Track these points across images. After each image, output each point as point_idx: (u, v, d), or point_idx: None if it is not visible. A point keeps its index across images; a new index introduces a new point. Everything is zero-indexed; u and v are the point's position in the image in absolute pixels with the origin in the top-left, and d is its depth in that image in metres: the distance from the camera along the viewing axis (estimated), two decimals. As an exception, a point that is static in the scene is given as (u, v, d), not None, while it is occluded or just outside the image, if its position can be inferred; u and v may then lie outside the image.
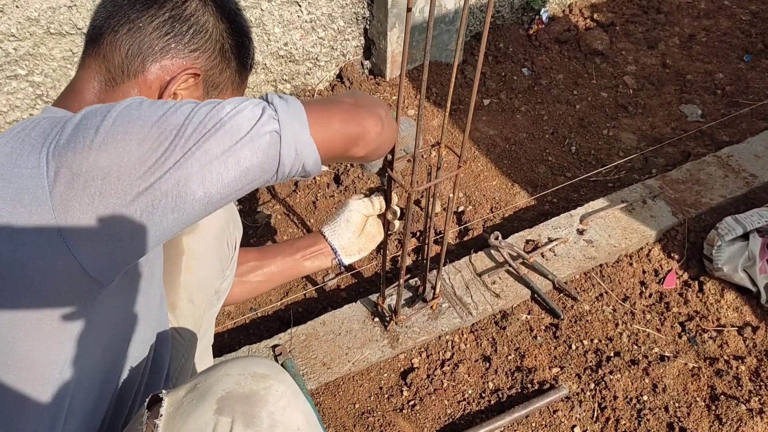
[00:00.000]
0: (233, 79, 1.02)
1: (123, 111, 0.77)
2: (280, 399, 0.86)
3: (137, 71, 0.93)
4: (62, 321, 0.81)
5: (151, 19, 0.92)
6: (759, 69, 2.73)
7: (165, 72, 0.94)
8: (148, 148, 0.74)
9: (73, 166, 0.74)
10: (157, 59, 0.93)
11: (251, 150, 0.78)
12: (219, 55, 0.98)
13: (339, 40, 2.46)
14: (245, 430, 0.83)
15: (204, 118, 0.77)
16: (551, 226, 1.92)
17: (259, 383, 0.87)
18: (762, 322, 1.70)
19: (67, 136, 0.75)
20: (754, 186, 2.06)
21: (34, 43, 1.88)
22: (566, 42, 2.86)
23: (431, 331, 1.64)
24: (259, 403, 0.85)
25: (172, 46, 0.93)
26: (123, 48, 0.92)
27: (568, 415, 1.50)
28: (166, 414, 0.86)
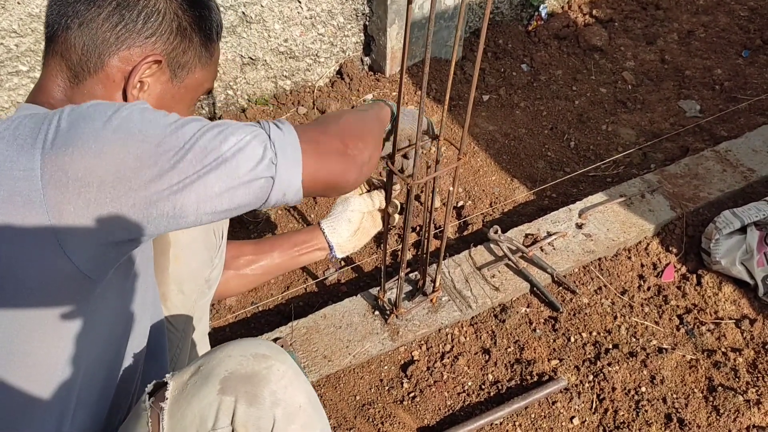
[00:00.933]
0: (200, 55, 0.98)
1: (124, 121, 0.77)
2: (281, 378, 0.88)
3: (97, 67, 0.90)
4: (61, 319, 0.83)
5: (99, 11, 0.89)
6: (757, 64, 2.74)
7: (125, 63, 0.91)
8: (146, 164, 0.77)
9: (69, 171, 0.75)
10: (114, 52, 0.90)
11: (245, 191, 0.83)
12: (177, 34, 0.94)
13: (339, 37, 2.47)
14: (248, 408, 0.85)
15: (206, 147, 0.79)
16: (550, 221, 1.93)
17: (260, 363, 0.88)
18: (759, 314, 1.71)
19: (62, 138, 0.76)
20: (751, 180, 2.07)
21: (35, 39, 1.89)
22: (565, 38, 2.87)
23: (431, 324, 1.65)
24: (261, 383, 0.87)
25: (126, 36, 0.90)
26: (78, 45, 0.89)
27: (566, 406, 1.52)
28: (171, 397, 0.88)
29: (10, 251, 0.76)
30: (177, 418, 0.88)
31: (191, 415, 0.87)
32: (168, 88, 0.95)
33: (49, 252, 0.77)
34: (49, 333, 0.83)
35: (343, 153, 0.97)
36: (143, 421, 0.90)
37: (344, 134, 0.99)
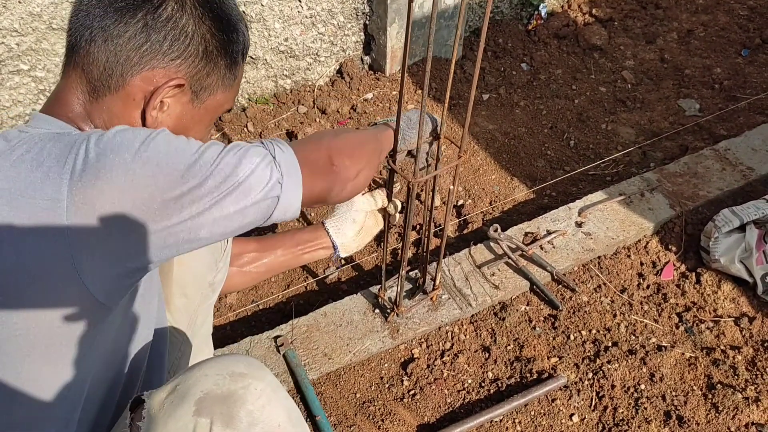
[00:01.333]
0: (223, 77, 0.97)
1: (152, 153, 0.79)
2: (259, 397, 0.86)
3: (118, 85, 0.89)
4: (74, 344, 0.84)
5: (125, 28, 0.87)
6: (756, 63, 2.75)
7: (147, 83, 0.89)
8: (171, 196, 0.79)
9: (96, 203, 0.76)
10: (137, 72, 0.89)
11: (255, 210, 0.86)
12: (203, 58, 0.92)
13: (339, 36, 2.48)
14: (225, 430, 0.83)
15: (223, 172, 0.82)
16: (550, 219, 1.94)
17: (237, 383, 0.86)
18: (758, 312, 1.72)
19: (91, 170, 0.76)
20: (751, 179, 2.08)
21: (36, 38, 1.90)
22: (565, 37, 2.88)
23: (431, 322, 1.66)
24: (237, 403, 0.85)
25: (150, 57, 0.88)
26: (100, 60, 0.88)
27: (566, 403, 1.52)
28: (148, 416, 0.87)
29: (28, 279, 0.77)
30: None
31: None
32: (188, 110, 0.94)
33: (68, 281, 0.78)
34: (61, 356, 0.84)
35: (328, 171, 0.99)
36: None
37: (332, 151, 1.01)
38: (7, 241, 0.76)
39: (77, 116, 0.89)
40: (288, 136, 2.31)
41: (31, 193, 0.76)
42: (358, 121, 2.37)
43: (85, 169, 0.76)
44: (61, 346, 0.83)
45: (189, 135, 0.94)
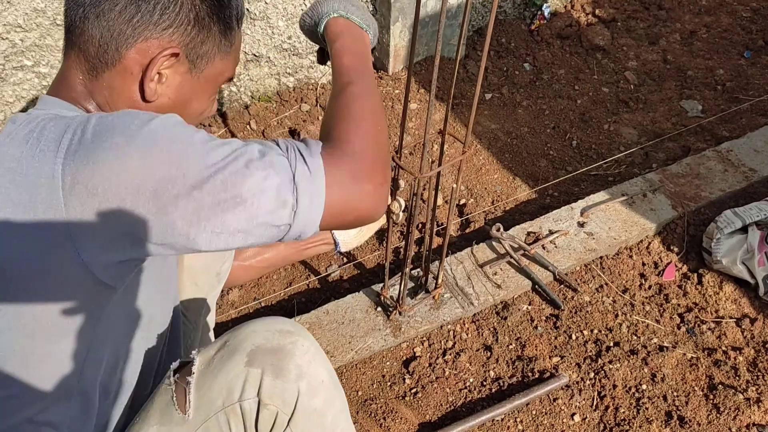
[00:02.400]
0: (219, 44, 0.94)
1: (148, 138, 0.75)
2: (306, 353, 0.91)
3: (114, 60, 0.88)
4: (82, 323, 0.84)
5: (114, 2, 0.86)
6: (759, 65, 2.75)
7: (142, 55, 0.88)
8: (164, 187, 0.74)
9: (89, 185, 0.74)
10: (131, 44, 0.87)
11: (261, 232, 0.79)
12: (195, 25, 0.90)
13: (342, 34, 2.47)
14: (275, 380, 0.88)
15: (227, 180, 0.75)
16: (552, 219, 1.94)
17: (285, 338, 0.91)
18: (760, 313, 1.72)
19: (85, 149, 0.75)
20: (753, 180, 2.08)
21: (40, 34, 1.90)
22: (568, 37, 2.88)
23: (433, 320, 1.66)
24: (287, 356, 0.90)
25: (142, 28, 0.87)
26: (95, 37, 0.87)
27: (567, 403, 1.52)
28: (198, 371, 0.91)
29: (30, 258, 0.77)
30: (204, 390, 0.90)
31: (218, 387, 0.90)
32: (187, 80, 0.93)
33: (69, 260, 0.77)
34: (70, 335, 0.84)
35: (371, 193, 0.84)
36: (167, 396, 0.92)
37: (374, 167, 0.85)
38: (9, 223, 0.76)
39: (79, 95, 0.90)
40: (291, 134, 2.31)
41: (32, 171, 0.76)
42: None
43: (79, 148, 0.75)
44: (71, 326, 0.83)
45: (191, 106, 0.95)
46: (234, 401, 0.89)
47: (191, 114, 0.97)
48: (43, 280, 0.78)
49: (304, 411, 0.91)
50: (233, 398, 0.89)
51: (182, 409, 0.91)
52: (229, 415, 0.90)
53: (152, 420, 0.94)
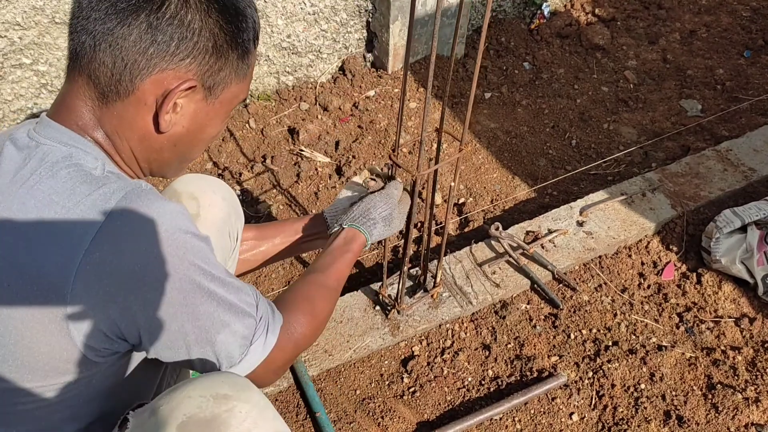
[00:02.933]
0: (236, 69, 0.92)
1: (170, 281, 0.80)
2: (244, 421, 0.83)
3: (128, 91, 0.85)
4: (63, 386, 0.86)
5: (129, 31, 0.82)
6: (759, 65, 2.75)
7: (157, 87, 0.85)
8: (167, 319, 0.83)
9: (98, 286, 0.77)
10: (145, 76, 0.84)
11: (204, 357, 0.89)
12: (213, 54, 0.87)
13: (342, 33, 2.47)
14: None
15: (210, 330, 0.86)
16: (551, 218, 1.94)
17: (221, 406, 0.83)
18: (759, 313, 1.72)
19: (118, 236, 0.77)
20: (752, 180, 2.08)
21: (39, 32, 1.90)
22: (567, 37, 2.88)
23: (432, 319, 1.66)
24: (221, 427, 0.81)
25: (158, 60, 0.84)
26: (107, 66, 0.84)
27: (566, 402, 1.52)
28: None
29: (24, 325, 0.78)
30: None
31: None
32: (202, 107, 0.91)
33: (63, 341, 0.79)
34: (53, 397, 0.86)
35: (281, 371, 1.01)
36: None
37: (299, 352, 1.04)
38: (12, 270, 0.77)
39: (87, 125, 0.87)
40: (289, 132, 2.31)
41: (45, 236, 0.76)
42: (360, 119, 2.37)
43: (118, 228, 0.78)
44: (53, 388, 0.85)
45: (206, 132, 0.94)
46: None
47: (204, 139, 0.96)
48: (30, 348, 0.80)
49: None
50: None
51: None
52: None
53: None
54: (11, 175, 0.80)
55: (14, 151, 0.82)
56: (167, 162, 0.95)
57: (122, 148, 0.89)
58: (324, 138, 2.29)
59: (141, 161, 0.93)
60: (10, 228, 0.77)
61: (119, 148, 0.89)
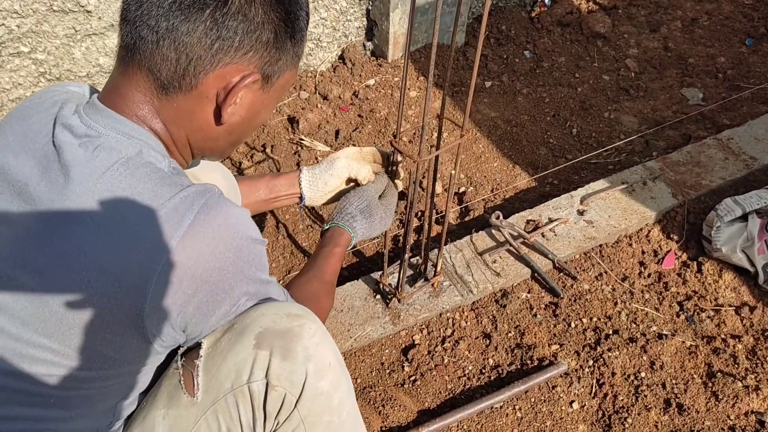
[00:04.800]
0: (292, 57, 0.94)
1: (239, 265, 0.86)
2: (313, 336, 0.92)
3: (191, 85, 0.86)
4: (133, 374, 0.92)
5: (194, 27, 0.83)
6: (760, 53, 2.74)
7: (220, 81, 0.87)
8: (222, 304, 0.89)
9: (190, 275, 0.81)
10: (210, 71, 0.86)
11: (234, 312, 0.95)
12: (273, 45, 0.89)
13: (341, 21, 2.46)
14: (282, 362, 0.89)
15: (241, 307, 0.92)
16: (552, 207, 1.93)
17: (293, 321, 0.92)
18: (759, 302, 1.72)
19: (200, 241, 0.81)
20: (753, 168, 2.07)
21: (37, 20, 1.88)
22: (568, 25, 2.86)
23: (432, 308, 1.66)
24: (294, 338, 0.90)
25: (222, 54, 0.85)
26: (170, 61, 0.84)
27: (566, 390, 1.52)
28: (205, 354, 0.91)
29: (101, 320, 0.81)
30: (212, 373, 0.91)
31: (226, 369, 0.90)
32: (258, 96, 0.93)
33: (133, 330, 0.82)
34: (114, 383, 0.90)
35: None
36: (174, 380, 0.93)
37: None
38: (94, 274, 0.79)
39: (145, 115, 0.88)
40: (289, 121, 2.30)
41: (127, 231, 0.78)
42: (360, 108, 2.36)
43: (201, 233, 0.81)
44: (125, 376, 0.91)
45: (259, 118, 0.96)
46: (243, 383, 0.89)
47: (257, 125, 0.98)
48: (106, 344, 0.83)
49: (311, 393, 0.91)
50: (242, 380, 0.89)
51: (190, 392, 0.91)
52: (237, 396, 0.90)
53: (160, 403, 0.94)
54: (81, 167, 0.80)
55: (73, 139, 0.83)
56: (221, 148, 0.98)
57: (178, 137, 0.91)
58: (324, 127, 2.29)
59: (195, 149, 0.95)
60: (89, 223, 0.78)
61: (175, 138, 0.91)
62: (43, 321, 0.79)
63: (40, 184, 0.80)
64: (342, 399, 0.96)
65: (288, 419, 0.91)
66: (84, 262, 0.77)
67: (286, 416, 0.91)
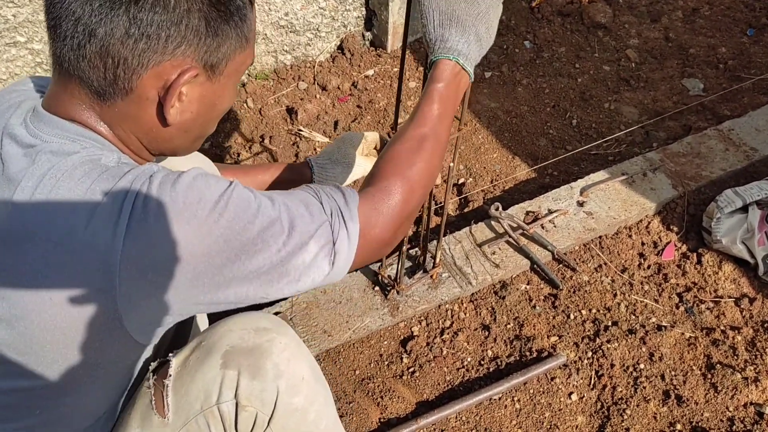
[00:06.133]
0: (236, 40, 0.84)
1: (225, 220, 0.76)
2: (283, 351, 0.89)
3: (125, 91, 0.79)
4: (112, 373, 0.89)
5: (111, 29, 0.75)
6: (762, 43, 2.72)
7: (157, 80, 0.79)
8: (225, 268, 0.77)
9: (146, 259, 0.74)
10: (142, 73, 0.78)
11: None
12: (207, 34, 0.80)
13: (340, 11, 2.44)
14: (252, 381, 0.87)
15: (283, 264, 0.79)
16: (551, 198, 1.93)
17: (262, 336, 0.89)
18: (759, 293, 1.71)
19: (152, 221, 0.74)
20: (754, 159, 2.06)
21: (33, 9, 1.87)
22: (569, 15, 2.84)
23: (431, 300, 1.66)
24: (263, 355, 0.87)
25: (150, 53, 0.77)
26: (97, 69, 0.78)
27: (565, 382, 1.52)
28: (174, 373, 0.90)
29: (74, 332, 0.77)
30: (181, 393, 0.89)
31: (195, 390, 0.88)
32: (207, 88, 0.85)
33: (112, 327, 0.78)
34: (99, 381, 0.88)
35: (384, 248, 0.92)
36: (146, 399, 0.91)
37: (400, 234, 0.93)
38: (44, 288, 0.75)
39: (89, 120, 0.82)
40: (288, 112, 2.29)
41: (76, 240, 0.73)
42: (359, 98, 2.35)
43: (146, 219, 0.73)
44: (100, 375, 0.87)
45: (216, 110, 0.89)
46: (212, 404, 0.88)
47: (216, 116, 0.91)
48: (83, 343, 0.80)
49: (284, 410, 0.89)
50: (211, 401, 0.88)
51: (161, 412, 0.89)
52: (208, 417, 0.88)
53: (133, 423, 0.92)
54: (25, 179, 0.76)
55: (18, 149, 0.78)
56: (180, 146, 0.91)
57: (129, 141, 0.85)
58: (323, 118, 2.28)
59: (152, 150, 0.89)
60: (36, 239, 0.74)
61: (126, 141, 0.85)
62: (14, 340, 0.77)
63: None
64: (319, 411, 0.94)
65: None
66: (42, 280, 0.74)
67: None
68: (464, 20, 1.01)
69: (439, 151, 0.97)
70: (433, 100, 0.97)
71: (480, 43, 1.03)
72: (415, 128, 0.96)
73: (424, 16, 1.02)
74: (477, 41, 1.02)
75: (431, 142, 0.96)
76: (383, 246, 0.91)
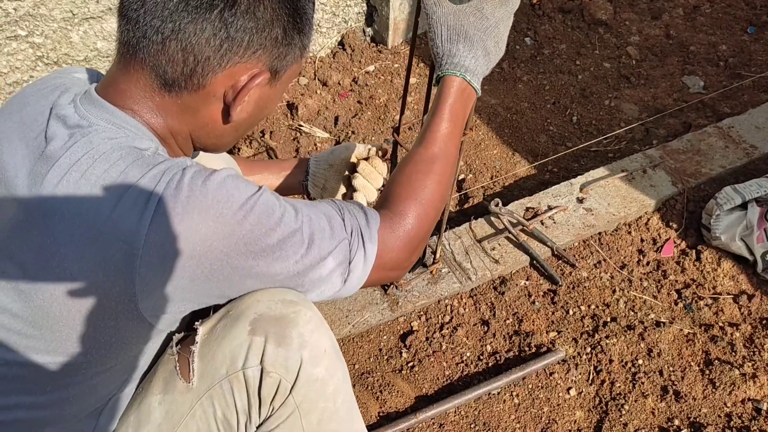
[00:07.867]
0: (300, 49, 0.92)
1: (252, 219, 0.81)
2: (308, 322, 0.91)
3: (198, 86, 0.85)
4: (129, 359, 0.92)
5: (202, 29, 0.81)
6: (762, 41, 2.72)
7: (229, 80, 0.86)
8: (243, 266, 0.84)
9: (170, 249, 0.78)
10: (218, 71, 0.84)
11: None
12: (282, 42, 0.87)
13: (341, 6, 2.44)
14: (277, 348, 0.89)
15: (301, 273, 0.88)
16: (551, 195, 1.93)
17: (288, 308, 0.91)
18: (758, 290, 1.72)
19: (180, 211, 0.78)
20: (754, 157, 2.06)
21: (34, 3, 1.87)
22: (570, 11, 2.84)
23: (431, 295, 1.66)
24: (289, 325, 0.90)
25: (231, 54, 0.84)
26: (177, 63, 0.83)
27: (564, 377, 1.53)
28: (201, 340, 0.92)
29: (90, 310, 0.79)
30: (208, 359, 0.91)
31: (222, 355, 0.90)
32: (265, 91, 0.91)
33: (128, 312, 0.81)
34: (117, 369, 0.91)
35: (403, 268, 1.00)
36: (170, 366, 0.94)
37: (415, 256, 1.00)
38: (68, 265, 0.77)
39: (142, 110, 0.86)
40: (288, 107, 2.29)
41: (103, 220, 0.76)
42: (360, 94, 2.35)
43: (173, 208, 0.77)
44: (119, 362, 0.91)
45: (265, 112, 0.95)
46: (238, 369, 0.89)
47: (262, 117, 0.97)
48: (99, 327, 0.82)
49: (306, 379, 0.91)
50: (237, 366, 0.89)
51: (186, 377, 0.92)
52: (232, 382, 0.90)
53: (156, 389, 0.94)
54: (63, 158, 0.79)
55: (64, 130, 0.82)
56: (227, 143, 0.98)
57: (179, 132, 0.90)
58: (323, 113, 2.28)
59: (198, 144, 0.94)
60: (65, 215, 0.77)
61: (176, 132, 0.90)
62: (31, 313, 0.80)
63: (28, 174, 0.80)
64: (337, 386, 0.96)
65: (283, 405, 0.92)
66: (64, 254, 0.77)
67: (280, 402, 0.91)
68: (472, 35, 1.03)
69: (449, 170, 1.04)
70: (442, 118, 1.02)
71: (488, 57, 1.06)
72: (426, 148, 1.01)
73: (432, 30, 1.05)
74: (485, 56, 1.05)
75: (441, 162, 1.02)
76: (397, 269, 0.99)
